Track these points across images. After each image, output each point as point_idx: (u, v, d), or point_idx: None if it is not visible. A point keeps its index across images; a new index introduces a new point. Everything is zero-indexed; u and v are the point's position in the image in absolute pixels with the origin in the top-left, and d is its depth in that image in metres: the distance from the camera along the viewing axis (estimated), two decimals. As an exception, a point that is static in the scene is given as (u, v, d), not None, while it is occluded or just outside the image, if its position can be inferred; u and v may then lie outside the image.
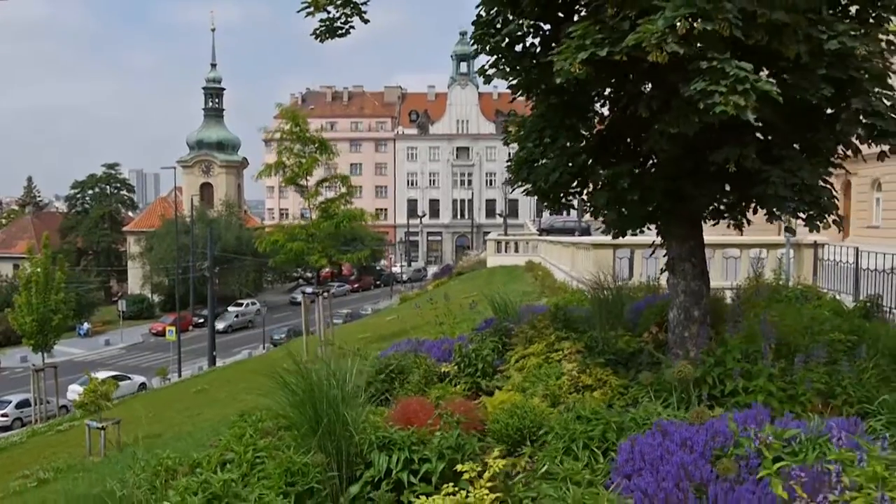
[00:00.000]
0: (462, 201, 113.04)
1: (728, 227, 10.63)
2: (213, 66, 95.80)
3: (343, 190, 21.46)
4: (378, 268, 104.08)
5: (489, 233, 66.65)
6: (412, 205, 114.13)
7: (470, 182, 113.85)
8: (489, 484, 5.53)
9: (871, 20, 8.06)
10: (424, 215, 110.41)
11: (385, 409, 8.17)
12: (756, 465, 5.20)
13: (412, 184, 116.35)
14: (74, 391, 33.20)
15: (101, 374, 42.29)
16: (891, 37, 7.75)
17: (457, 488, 5.56)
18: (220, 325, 66.72)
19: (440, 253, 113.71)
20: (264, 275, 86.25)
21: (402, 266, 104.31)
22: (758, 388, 7.50)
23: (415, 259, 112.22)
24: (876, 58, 7.34)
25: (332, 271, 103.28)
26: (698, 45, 5.74)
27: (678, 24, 5.38)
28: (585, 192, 9.48)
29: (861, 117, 7.26)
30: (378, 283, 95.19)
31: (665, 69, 5.94)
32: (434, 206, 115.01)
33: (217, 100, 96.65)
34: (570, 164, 8.41)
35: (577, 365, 8.55)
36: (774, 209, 7.95)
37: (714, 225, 10.41)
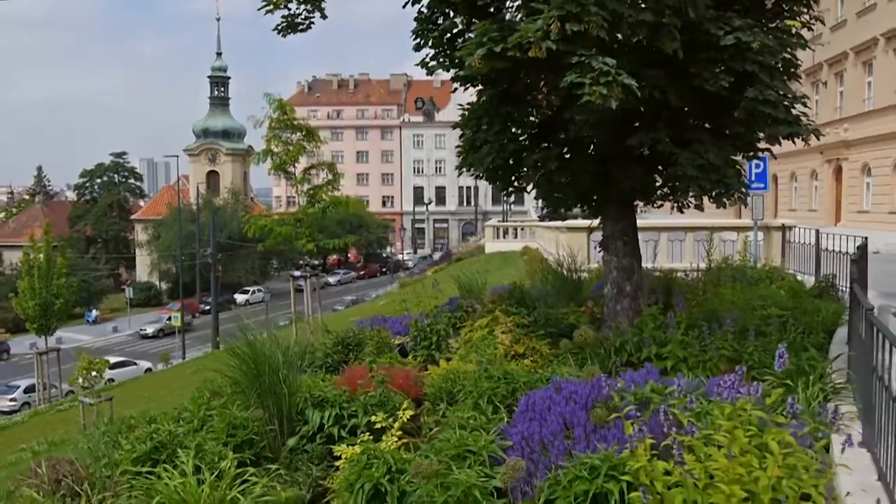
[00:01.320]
0: (468, 188, 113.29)
1: (673, 210, 11.31)
2: (219, 54, 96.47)
3: (330, 177, 22.07)
4: (385, 255, 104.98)
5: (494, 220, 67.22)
6: (418, 192, 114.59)
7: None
8: (398, 432, 6.27)
9: (785, 13, 8.70)
10: (431, 202, 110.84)
11: (336, 376, 8.92)
12: (633, 413, 5.87)
13: (418, 171, 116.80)
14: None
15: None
16: (796, 30, 8.39)
17: (371, 437, 6.29)
18: (149, 330, 63.72)
19: (447, 240, 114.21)
20: (270, 262, 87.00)
21: (408, 253, 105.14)
22: (669, 354, 8.20)
23: (421, 246, 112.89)
24: (776, 51, 7.96)
25: (339, 259, 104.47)
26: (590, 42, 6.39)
27: (552, 25, 6.04)
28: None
29: (757, 105, 7.87)
30: (384, 270, 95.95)
31: (560, 64, 6.61)
32: (440, 193, 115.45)
33: (223, 88, 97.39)
34: (503, 150, 9.07)
35: (511, 336, 9.25)
36: (686, 188, 8.58)
37: (659, 206, 11.09)
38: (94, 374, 16.42)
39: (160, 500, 5.42)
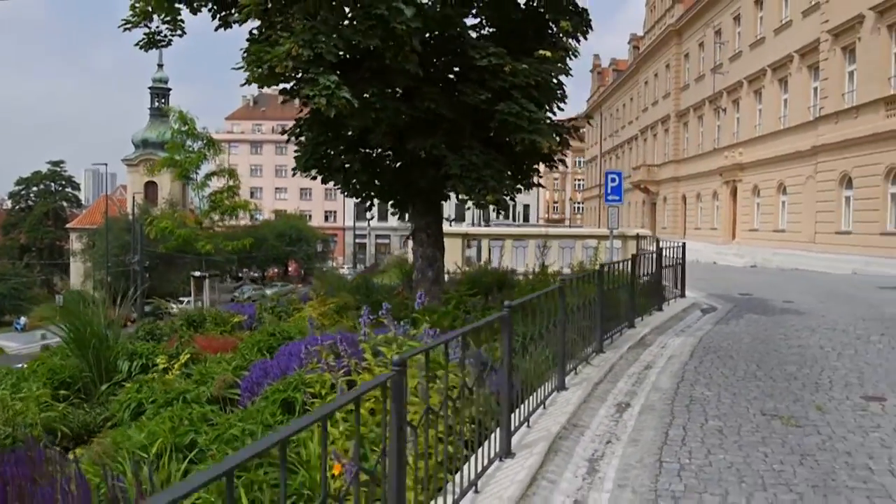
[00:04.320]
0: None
1: (499, 216, 12.97)
2: (160, 66, 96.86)
3: (231, 183, 23.50)
4: (325, 269, 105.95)
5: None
6: (360, 208, 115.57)
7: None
8: (179, 368, 7.79)
9: (552, 42, 10.49)
10: (373, 218, 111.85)
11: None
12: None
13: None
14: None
15: (33, 365, 44.08)
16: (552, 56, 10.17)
17: (157, 373, 7.79)
18: None
19: (388, 254, 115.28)
20: (216, 277, 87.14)
21: (349, 267, 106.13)
22: (437, 322, 9.85)
23: (362, 261, 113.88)
24: (530, 73, 9.70)
25: (277, 271, 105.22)
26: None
27: (293, 49, 7.67)
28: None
29: (505, 116, 9.59)
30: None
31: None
32: (382, 208, 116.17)
33: (163, 100, 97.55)
34: (315, 154, 10.68)
35: (318, 312, 10.83)
36: (454, 186, 10.27)
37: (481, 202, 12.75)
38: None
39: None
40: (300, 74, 8.46)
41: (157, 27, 12.00)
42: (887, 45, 27.53)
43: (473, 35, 10.83)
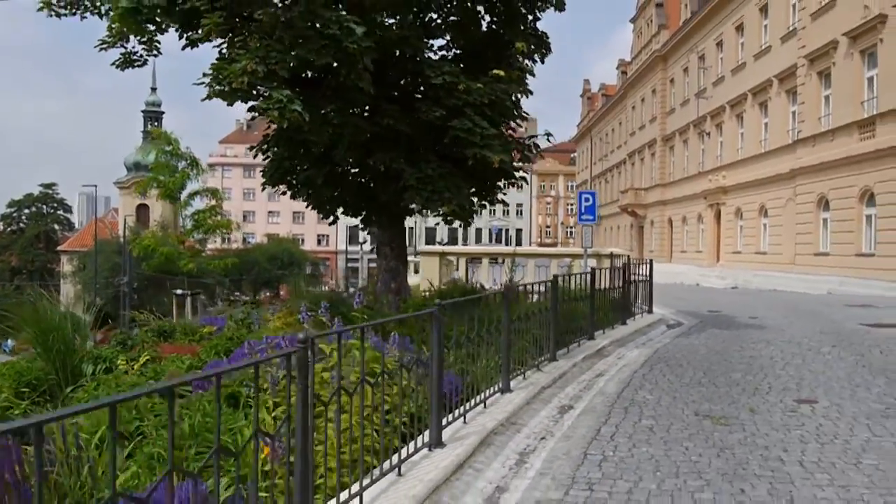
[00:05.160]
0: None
1: (462, 228, 13.34)
2: (154, 90, 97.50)
3: (213, 202, 23.89)
4: (315, 292, 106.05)
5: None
6: (353, 231, 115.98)
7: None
8: (139, 369, 8.13)
9: (509, 62, 10.93)
10: (365, 242, 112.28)
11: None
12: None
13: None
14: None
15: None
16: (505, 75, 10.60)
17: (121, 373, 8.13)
18: None
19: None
20: (197, 295, 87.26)
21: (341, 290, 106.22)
22: (394, 328, 10.18)
23: (354, 284, 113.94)
24: (483, 92, 10.12)
25: (270, 294, 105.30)
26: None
27: (248, 65, 8.09)
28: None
29: (458, 132, 10.01)
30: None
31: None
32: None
33: (156, 123, 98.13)
34: (280, 167, 11.09)
35: (284, 321, 11.17)
36: (412, 197, 10.65)
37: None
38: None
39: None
40: (264, 91, 8.87)
41: (133, 47, 12.40)
42: (860, 69, 28.16)
43: (438, 56, 11.30)
